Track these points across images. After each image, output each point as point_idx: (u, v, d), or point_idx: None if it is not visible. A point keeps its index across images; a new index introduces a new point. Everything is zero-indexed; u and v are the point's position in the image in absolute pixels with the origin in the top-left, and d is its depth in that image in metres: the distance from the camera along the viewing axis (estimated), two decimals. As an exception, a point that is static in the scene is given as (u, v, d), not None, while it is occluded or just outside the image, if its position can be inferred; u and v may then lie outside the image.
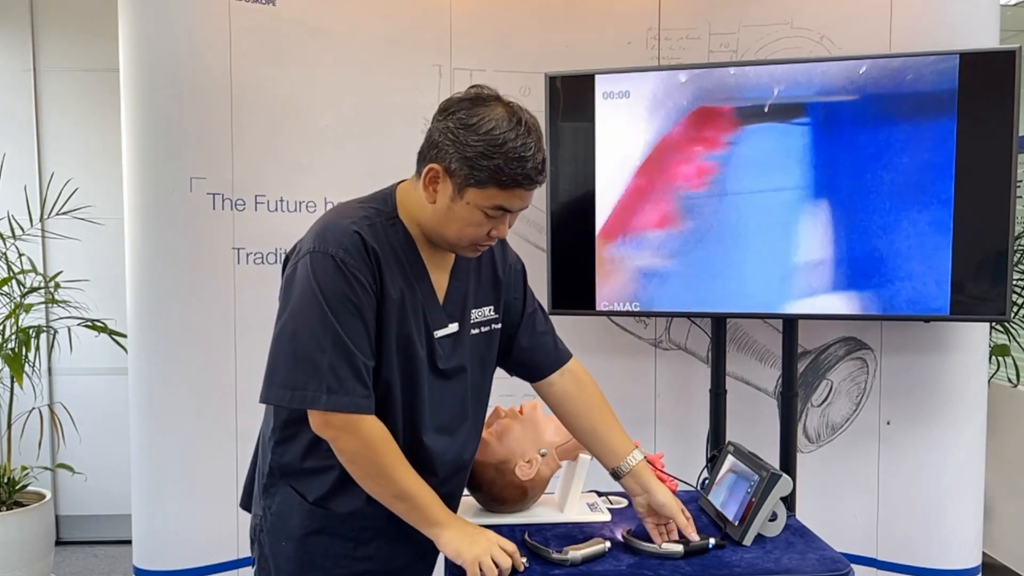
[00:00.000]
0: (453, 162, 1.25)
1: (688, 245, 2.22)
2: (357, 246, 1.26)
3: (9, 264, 3.03)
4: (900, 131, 2.06)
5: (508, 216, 1.30)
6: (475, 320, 1.42)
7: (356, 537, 1.35)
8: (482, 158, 1.23)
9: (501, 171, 1.23)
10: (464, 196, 1.26)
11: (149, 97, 2.26)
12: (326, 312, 1.23)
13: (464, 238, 1.30)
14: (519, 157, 1.23)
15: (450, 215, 1.28)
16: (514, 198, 1.26)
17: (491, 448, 1.55)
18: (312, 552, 1.35)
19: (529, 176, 1.25)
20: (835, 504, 2.48)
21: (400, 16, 2.42)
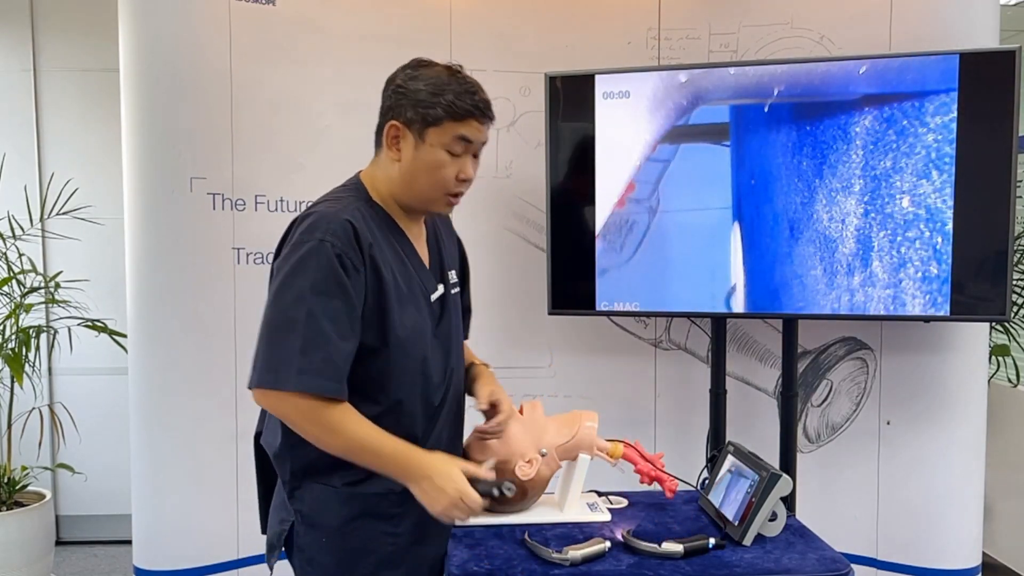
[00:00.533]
0: (407, 112, 1.35)
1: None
2: (348, 234, 1.30)
3: (9, 264, 3.03)
4: (899, 131, 2.06)
5: (471, 156, 1.39)
6: (451, 281, 1.51)
7: (394, 514, 1.39)
8: (432, 98, 1.34)
9: (453, 104, 1.33)
10: (425, 139, 1.35)
11: (149, 97, 2.26)
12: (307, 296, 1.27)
13: (436, 186, 1.37)
14: (466, 91, 1.35)
15: (417, 164, 1.36)
16: (471, 129, 1.36)
17: (491, 448, 1.55)
18: (353, 538, 1.38)
19: (479, 107, 1.36)
20: (835, 504, 2.48)
21: (400, 16, 2.42)
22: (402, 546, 1.41)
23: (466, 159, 1.38)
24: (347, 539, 1.38)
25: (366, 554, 1.39)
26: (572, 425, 1.61)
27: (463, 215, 2.49)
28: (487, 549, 1.44)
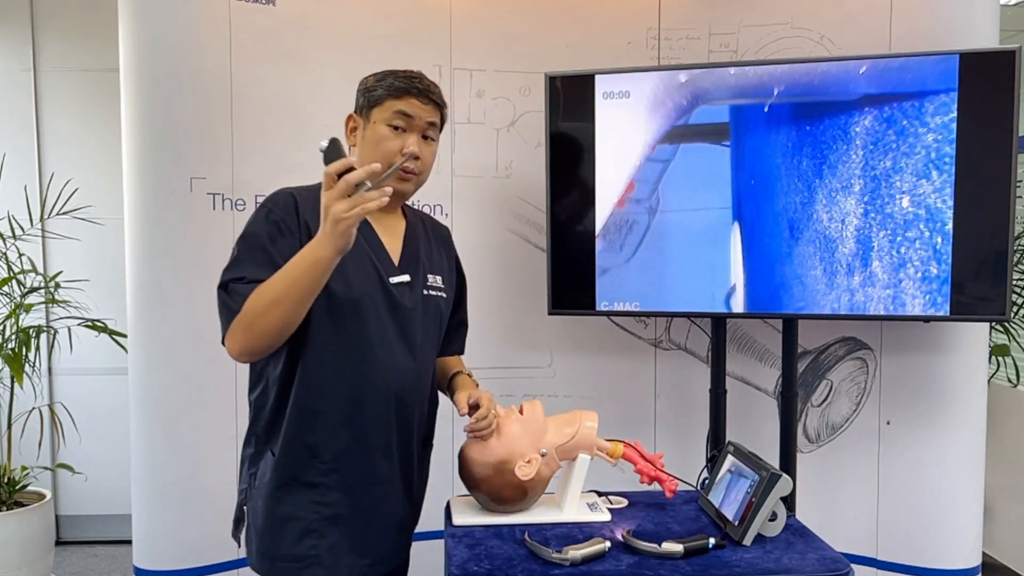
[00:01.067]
0: (358, 101, 1.53)
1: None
2: (288, 203, 1.44)
3: (9, 264, 3.03)
4: (899, 131, 2.06)
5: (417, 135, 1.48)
6: (430, 283, 1.57)
7: (319, 483, 1.45)
8: (375, 82, 1.50)
9: (392, 85, 1.48)
10: (371, 119, 1.49)
11: (149, 97, 2.26)
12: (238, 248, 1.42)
13: (382, 159, 1.45)
14: (407, 75, 1.50)
15: (365, 143, 1.49)
16: (410, 105, 1.47)
17: (491, 447, 1.55)
18: (282, 504, 1.45)
19: (417, 87, 1.48)
20: (835, 504, 2.48)
21: (400, 16, 2.42)
22: (327, 516, 1.46)
23: (410, 135, 1.48)
24: (277, 505, 1.46)
25: (293, 521, 1.45)
26: (572, 425, 1.62)
27: (463, 215, 2.51)
28: (487, 549, 1.44)
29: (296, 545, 1.45)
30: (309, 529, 1.45)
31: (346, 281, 1.44)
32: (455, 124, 2.48)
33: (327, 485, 1.46)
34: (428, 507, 1.86)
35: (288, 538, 1.45)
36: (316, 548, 1.45)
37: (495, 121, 2.50)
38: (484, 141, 2.50)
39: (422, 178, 1.54)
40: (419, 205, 2.45)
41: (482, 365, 2.53)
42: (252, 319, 1.35)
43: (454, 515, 1.60)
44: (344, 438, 1.46)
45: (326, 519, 1.46)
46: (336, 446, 1.46)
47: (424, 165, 1.52)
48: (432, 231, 1.67)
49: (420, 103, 1.48)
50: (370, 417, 1.48)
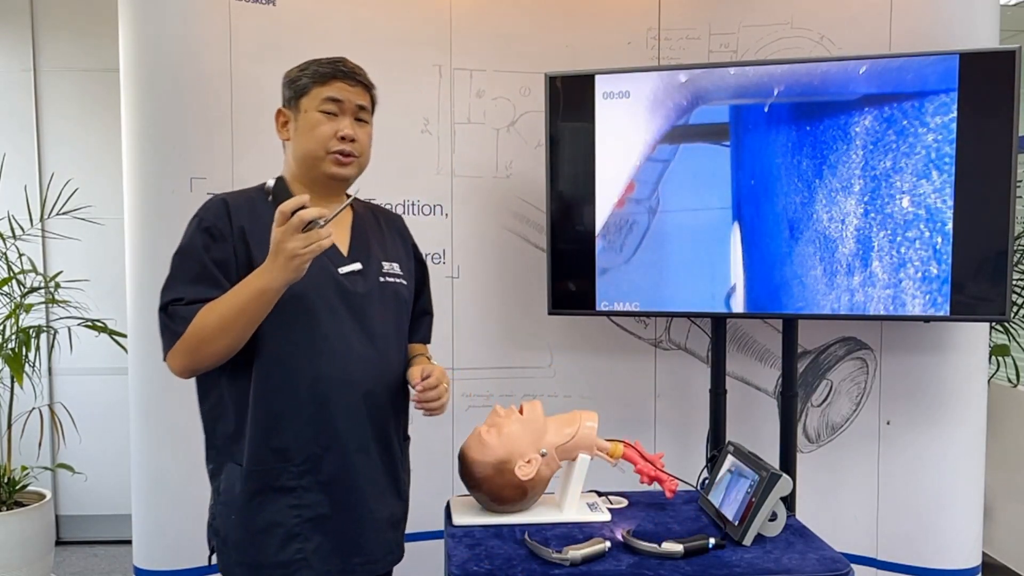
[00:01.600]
0: (284, 93, 1.52)
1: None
2: (220, 209, 1.45)
3: (9, 264, 3.03)
4: (899, 131, 2.06)
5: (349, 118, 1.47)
6: (386, 270, 1.55)
7: (294, 487, 1.43)
8: (299, 72, 1.50)
9: (317, 71, 1.48)
10: (300, 108, 1.48)
11: (149, 97, 2.26)
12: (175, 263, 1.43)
13: (319, 145, 1.46)
14: (329, 61, 1.49)
15: (299, 134, 1.49)
16: (337, 90, 1.47)
17: (491, 448, 1.55)
18: (260, 513, 1.43)
19: (342, 70, 1.48)
20: (835, 504, 2.48)
21: (400, 16, 2.42)
22: (309, 519, 1.44)
23: (343, 119, 1.48)
24: (254, 515, 1.43)
25: (274, 527, 1.43)
26: (572, 425, 1.62)
27: (463, 215, 2.51)
28: (487, 549, 1.44)
29: (281, 551, 1.43)
30: (292, 534, 1.43)
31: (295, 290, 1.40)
32: (455, 124, 2.48)
33: (304, 487, 1.44)
34: (428, 507, 1.87)
35: (272, 546, 1.43)
36: (302, 552, 1.43)
37: (495, 121, 2.50)
38: (484, 141, 2.50)
39: (362, 161, 1.53)
40: (419, 205, 2.46)
41: (482, 365, 2.54)
42: (198, 343, 1.36)
43: (454, 515, 1.60)
44: (314, 437, 1.44)
45: (308, 521, 1.44)
46: (307, 447, 1.44)
47: (362, 147, 1.51)
48: (384, 220, 1.65)
49: (348, 86, 1.48)
50: (338, 412, 1.45)
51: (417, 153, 2.45)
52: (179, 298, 1.38)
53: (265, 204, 1.47)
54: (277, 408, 1.43)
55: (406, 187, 2.44)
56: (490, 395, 2.52)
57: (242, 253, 1.42)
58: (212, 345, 1.36)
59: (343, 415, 1.46)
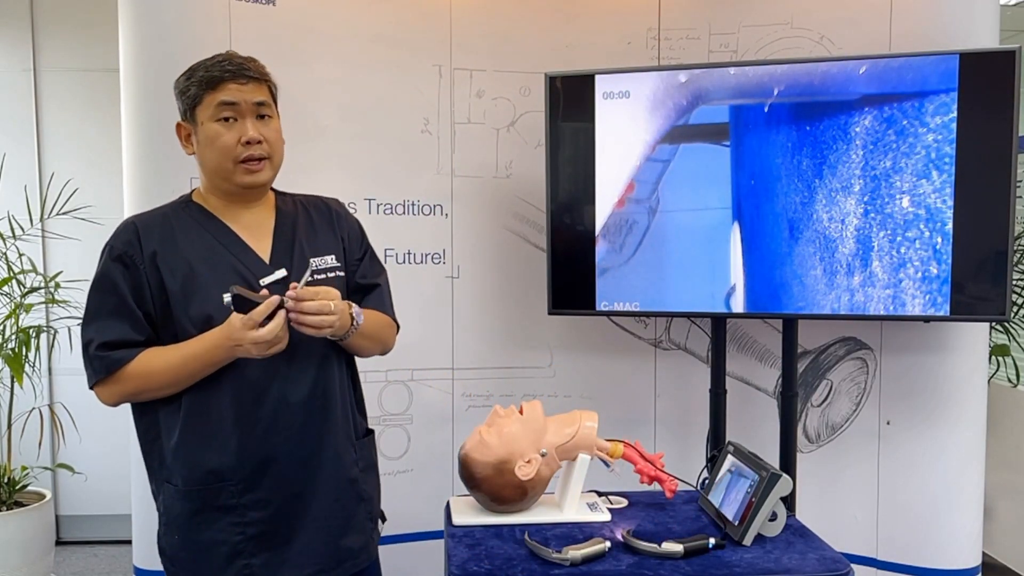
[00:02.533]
0: (179, 107, 1.45)
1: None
2: (128, 231, 1.41)
3: (9, 264, 3.03)
4: (899, 131, 2.06)
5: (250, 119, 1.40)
6: (316, 267, 1.47)
7: (235, 505, 1.41)
8: (186, 81, 1.43)
9: (203, 78, 1.40)
10: (197, 120, 1.42)
11: (149, 97, 2.26)
12: (88, 298, 1.41)
13: (225, 157, 1.40)
14: (213, 63, 1.41)
15: (202, 147, 1.42)
16: (229, 92, 1.39)
17: (491, 448, 1.55)
18: (203, 532, 1.41)
19: (228, 70, 1.40)
20: (835, 504, 2.48)
21: (400, 16, 2.42)
22: (253, 535, 1.42)
23: (244, 123, 1.40)
24: (197, 533, 1.42)
25: (217, 545, 1.41)
26: (572, 425, 1.62)
27: (463, 215, 2.51)
28: (487, 549, 1.44)
29: (226, 568, 1.41)
30: (236, 551, 1.41)
31: (203, 301, 1.39)
32: (455, 124, 2.48)
33: (244, 505, 1.41)
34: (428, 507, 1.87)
35: (215, 563, 1.41)
36: (249, 568, 1.41)
37: (495, 121, 2.50)
38: (484, 141, 2.50)
39: (275, 160, 1.47)
40: (419, 205, 2.46)
41: (482, 365, 2.54)
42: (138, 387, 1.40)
43: (454, 515, 1.60)
44: (247, 457, 1.41)
45: (252, 539, 1.41)
46: (242, 466, 1.41)
47: (271, 146, 1.44)
48: (314, 210, 1.57)
49: (239, 85, 1.40)
50: (268, 428, 1.42)
51: (417, 153, 2.45)
52: (104, 342, 1.38)
53: (179, 220, 1.45)
54: (207, 430, 1.41)
55: (406, 187, 2.44)
56: (490, 395, 2.52)
57: (154, 278, 1.40)
58: (154, 391, 1.41)
59: (274, 430, 1.42)
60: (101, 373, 1.39)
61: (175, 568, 1.46)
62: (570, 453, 1.61)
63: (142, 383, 1.40)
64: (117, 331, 1.38)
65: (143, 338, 1.40)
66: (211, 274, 1.40)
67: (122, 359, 1.38)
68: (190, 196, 1.50)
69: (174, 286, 1.39)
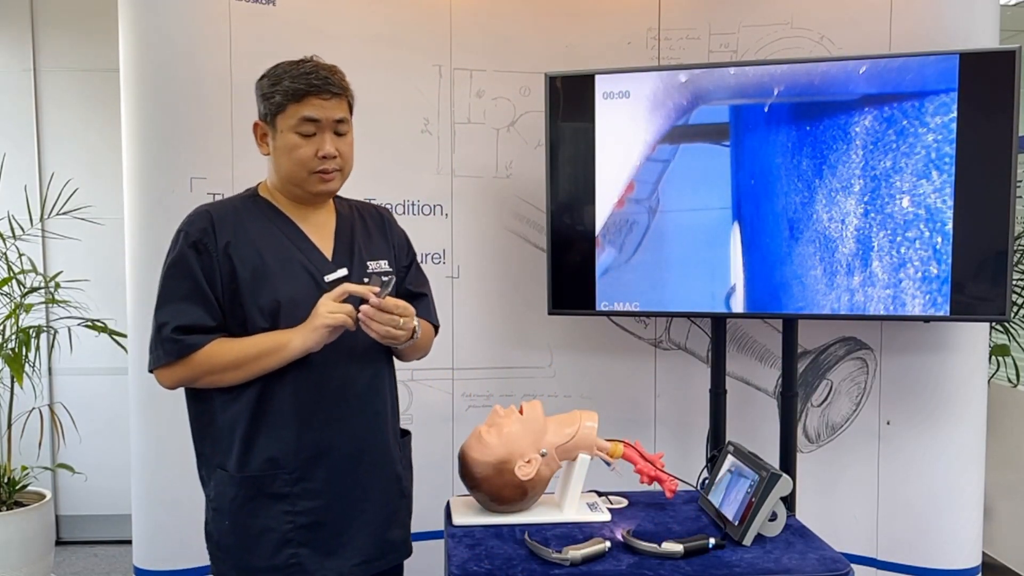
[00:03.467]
0: (260, 108, 1.47)
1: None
2: (203, 219, 1.45)
3: (9, 264, 3.03)
4: (899, 131, 2.06)
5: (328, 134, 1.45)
6: (371, 270, 1.55)
7: (287, 494, 1.45)
8: (272, 88, 1.44)
9: (288, 88, 1.42)
10: (277, 127, 1.45)
11: (149, 97, 2.26)
12: (162, 282, 1.44)
13: (297, 165, 1.45)
14: (300, 73, 1.43)
15: (278, 152, 1.46)
16: (313, 107, 1.42)
17: (491, 448, 1.55)
18: (253, 519, 1.44)
19: (315, 84, 1.42)
20: (835, 504, 2.48)
21: (400, 16, 2.42)
22: (303, 525, 1.45)
23: (322, 137, 1.44)
24: (248, 520, 1.45)
25: (267, 532, 1.44)
26: (572, 425, 1.62)
27: (463, 215, 2.51)
28: (487, 549, 1.44)
29: (274, 556, 1.44)
30: (285, 539, 1.44)
31: (274, 291, 1.44)
32: (455, 124, 2.48)
33: (296, 495, 1.45)
34: (428, 507, 1.87)
35: (264, 550, 1.44)
36: (296, 556, 1.45)
37: (495, 121, 2.50)
38: (484, 141, 2.50)
39: (346, 170, 1.52)
40: (419, 205, 2.46)
41: (482, 365, 2.54)
42: (203, 374, 1.43)
43: (454, 515, 1.60)
44: (304, 447, 1.45)
45: (302, 528, 1.45)
46: (297, 456, 1.45)
47: (344, 160, 1.49)
48: (369, 217, 1.64)
49: (322, 101, 1.43)
50: (326, 420, 1.47)
51: (417, 153, 2.45)
52: (179, 325, 1.41)
53: (250, 213, 1.49)
54: (267, 418, 1.45)
55: (406, 187, 2.44)
56: (490, 395, 2.52)
57: (226, 266, 1.44)
58: (218, 379, 1.43)
59: (331, 422, 1.47)
60: (172, 356, 1.41)
61: (221, 554, 1.48)
62: (570, 453, 1.61)
63: (209, 370, 1.42)
64: (192, 315, 1.41)
65: (215, 324, 1.43)
66: (279, 267, 1.45)
67: (196, 344, 1.41)
68: (256, 190, 1.55)
69: (245, 275, 1.43)
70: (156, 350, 1.43)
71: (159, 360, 1.43)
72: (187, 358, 1.41)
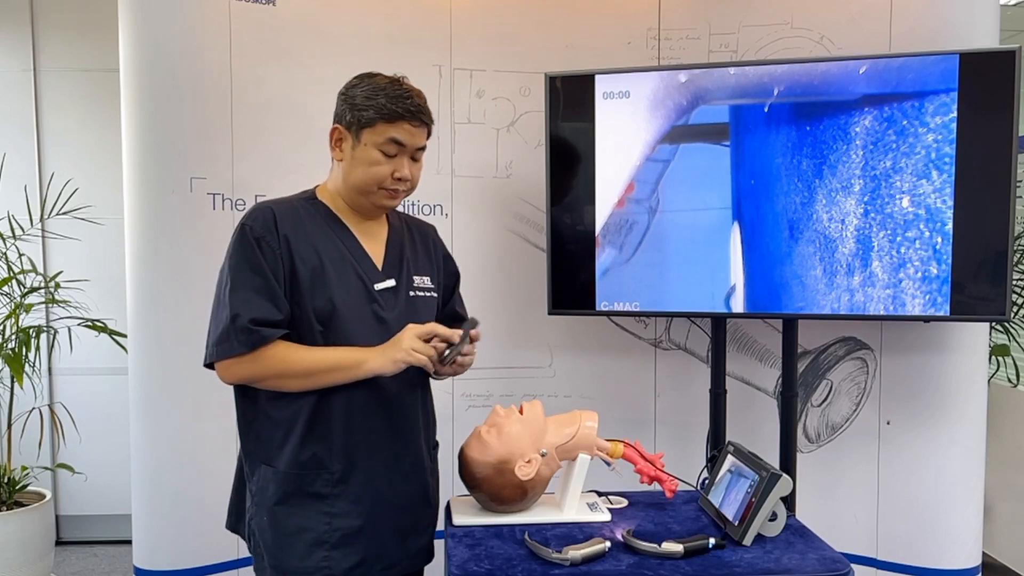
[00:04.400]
0: (347, 116, 1.48)
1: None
2: (267, 218, 1.45)
3: (9, 264, 3.03)
4: (899, 131, 2.06)
5: (407, 158, 1.49)
6: (416, 284, 1.59)
7: (327, 495, 1.47)
8: (367, 101, 1.46)
9: (384, 107, 1.45)
10: (361, 139, 1.47)
11: (149, 97, 2.26)
12: (229, 276, 1.43)
13: (371, 180, 1.47)
14: (398, 95, 1.46)
15: (354, 162, 1.48)
16: (403, 132, 1.46)
17: (491, 448, 1.55)
18: (291, 517, 1.46)
19: (410, 110, 1.46)
20: (835, 504, 2.48)
21: (400, 16, 2.42)
22: (338, 527, 1.47)
23: (401, 160, 1.48)
24: (286, 518, 1.46)
25: (303, 532, 1.46)
26: (572, 425, 1.62)
27: (463, 215, 2.51)
28: (487, 549, 1.44)
29: (307, 558, 1.46)
30: (320, 541, 1.46)
31: (330, 294, 1.46)
32: (455, 124, 2.48)
33: (336, 496, 1.47)
34: (428, 507, 1.87)
35: (298, 550, 1.46)
36: (328, 559, 1.46)
37: (495, 121, 2.50)
38: (484, 141, 2.50)
39: (412, 188, 1.56)
40: (420, 205, 2.46)
41: (482, 365, 2.53)
42: (270, 376, 1.43)
43: (454, 515, 1.60)
44: (347, 451, 1.48)
45: (338, 531, 1.47)
46: (340, 459, 1.48)
47: (412, 184, 1.54)
48: (416, 231, 1.68)
49: (412, 127, 1.48)
50: (370, 429, 1.49)
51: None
52: (253, 317, 1.40)
53: (308, 214, 1.50)
54: (318, 421, 1.46)
55: (406, 187, 2.44)
56: (490, 395, 2.52)
57: (287, 263, 1.45)
58: (283, 384, 1.44)
59: (375, 431, 1.50)
60: (246, 348, 1.40)
61: (262, 550, 1.50)
62: (570, 453, 1.61)
63: (279, 373, 1.43)
64: (264, 309, 1.41)
65: (283, 319, 1.44)
66: (335, 270, 1.47)
67: (270, 336, 1.41)
68: (314, 193, 1.56)
69: (304, 274, 1.45)
70: (227, 340, 1.41)
71: (231, 350, 1.40)
72: (257, 352, 1.40)
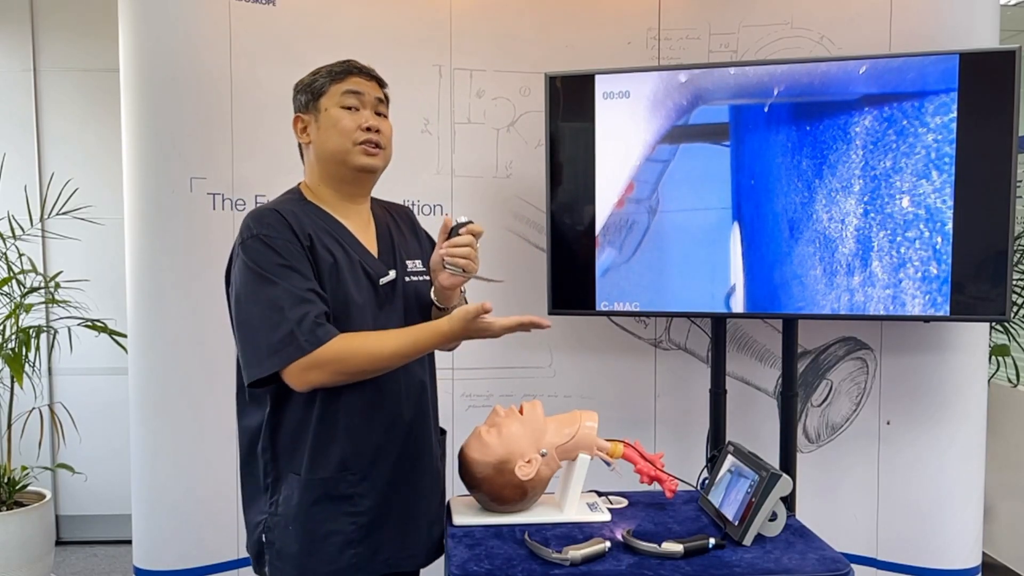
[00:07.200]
0: (301, 98, 1.52)
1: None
2: (277, 219, 1.43)
3: (9, 264, 3.03)
4: (899, 131, 2.06)
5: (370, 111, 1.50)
6: (410, 269, 1.59)
7: (351, 495, 1.46)
8: (312, 76, 1.52)
9: (330, 71, 1.50)
10: (320, 108, 1.49)
11: (149, 97, 2.26)
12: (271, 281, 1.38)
13: (346, 138, 1.48)
14: (338, 61, 1.52)
15: (323, 133, 1.49)
16: (354, 83, 1.50)
17: (491, 447, 1.55)
18: (316, 523, 1.45)
19: (355, 66, 1.52)
20: (835, 504, 2.48)
21: (400, 16, 2.42)
22: (363, 525, 1.48)
23: (365, 112, 1.50)
24: (311, 524, 1.45)
25: (330, 536, 1.45)
26: (572, 425, 1.61)
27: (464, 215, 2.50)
28: (487, 549, 1.44)
29: (337, 559, 1.46)
30: (348, 540, 1.46)
31: (347, 291, 1.45)
32: (455, 124, 2.48)
33: (359, 494, 1.48)
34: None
35: (328, 554, 1.45)
36: (356, 556, 1.47)
37: (495, 121, 2.50)
38: (484, 141, 2.50)
39: (387, 153, 1.54)
40: (419, 205, 2.46)
41: (482, 365, 2.54)
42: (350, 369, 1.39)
43: (454, 515, 1.60)
44: (368, 447, 1.48)
45: (363, 528, 1.47)
46: (363, 456, 1.48)
47: (386, 138, 1.53)
48: (398, 216, 1.67)
49: (363, 80, 1.51)
50: (386, 421, 1.50)
51: (417, 153, 2.45)
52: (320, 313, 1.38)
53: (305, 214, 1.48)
54: (334, 421, 1.46)
55: (406, 187, 2.44)
56: (490, 395, 2.52)
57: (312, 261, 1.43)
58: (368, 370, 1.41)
59: (391, 423, 1.51)
60: (312, 346, 1.34)
61: (281, 563, 1.46)
62: (570, 453, 1.61)
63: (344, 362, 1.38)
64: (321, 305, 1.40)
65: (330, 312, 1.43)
66: (348, 267, 1.47)
67: (332, 331, 1.38)
68: (299, 192, 1.55)
69: (325, 272, 1.44)
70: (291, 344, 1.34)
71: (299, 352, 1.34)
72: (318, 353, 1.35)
